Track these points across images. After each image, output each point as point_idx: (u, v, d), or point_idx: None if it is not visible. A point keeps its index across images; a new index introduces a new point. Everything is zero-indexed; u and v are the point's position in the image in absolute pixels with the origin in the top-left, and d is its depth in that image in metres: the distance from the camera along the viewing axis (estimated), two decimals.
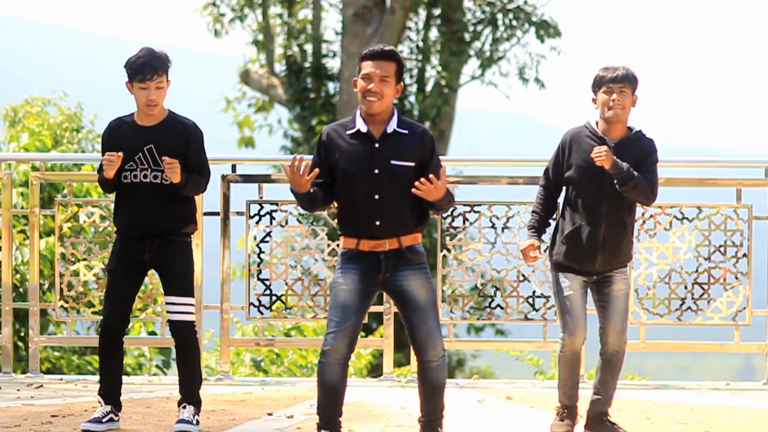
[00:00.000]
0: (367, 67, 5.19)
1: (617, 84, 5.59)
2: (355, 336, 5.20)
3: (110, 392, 5.85)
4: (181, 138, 5.80)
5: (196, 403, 5.83)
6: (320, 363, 5.20)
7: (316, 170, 5.14)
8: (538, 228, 5.77)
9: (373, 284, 5.22)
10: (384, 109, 5.20)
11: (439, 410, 5.30)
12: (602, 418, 5.75)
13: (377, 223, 5.16)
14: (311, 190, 5.19)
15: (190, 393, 5.83)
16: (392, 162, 5.16)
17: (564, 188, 5.73)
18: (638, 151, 5.62)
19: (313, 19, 19.71)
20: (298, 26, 20.20)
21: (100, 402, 5.85)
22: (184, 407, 5.79)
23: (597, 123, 5.67)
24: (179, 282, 5.81)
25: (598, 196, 5.58)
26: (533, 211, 5.80)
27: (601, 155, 5.46)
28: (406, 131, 5.23)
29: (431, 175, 5.07)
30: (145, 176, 5.76)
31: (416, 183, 5.08)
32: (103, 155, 5.81)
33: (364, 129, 5.20)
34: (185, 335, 5.83)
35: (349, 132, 5.22)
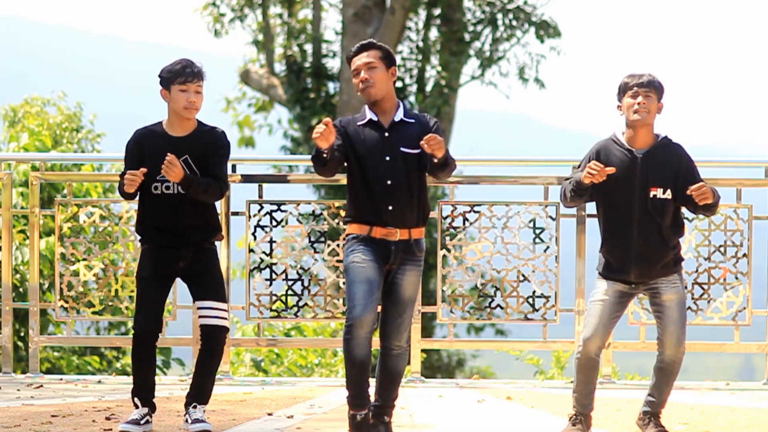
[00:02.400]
0: (353, 63, 5.43)
1: (643, 88, 5.55)
2: (376, 313, 5.32)
3: (147, 395, 5.84)
4: (213, 146, 5.76)
5: (206, 403, 5.85)
6: (346, 339, 5.28)
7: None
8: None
9: (383, 268, 5.35)
10: (383, 94, 5.40)
11: (392, 399, 5.50)
12: (653, 418, 5.76)
13: (390, 207, 5.32)
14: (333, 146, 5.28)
15: (203, 394, 5.83)
16: (402, 149, 5.34)
17: (596, 202, 5.65)
18: (674, 160, 5.57)
19: (313, 19, 19.71)
20: (298, 26, 20.19)
21: (136, 405, 5.81)
22: (195, 407, 5.80)
23: (623, 133, 5.64)
24: (217, 288, 5.80)
25: (628, 206, 5.53)
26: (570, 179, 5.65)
27: (705, 194, 5.43)
28: (413, 120, 5.43)
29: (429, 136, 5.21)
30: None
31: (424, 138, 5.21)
32: (126, 166, 5.75)
33: (375, 118, 5.40)
34: (220, 340, 5.79)
35: (360, 123, 5.42)
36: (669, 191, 5.55)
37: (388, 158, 5.32)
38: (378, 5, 18.48)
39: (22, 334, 10.32)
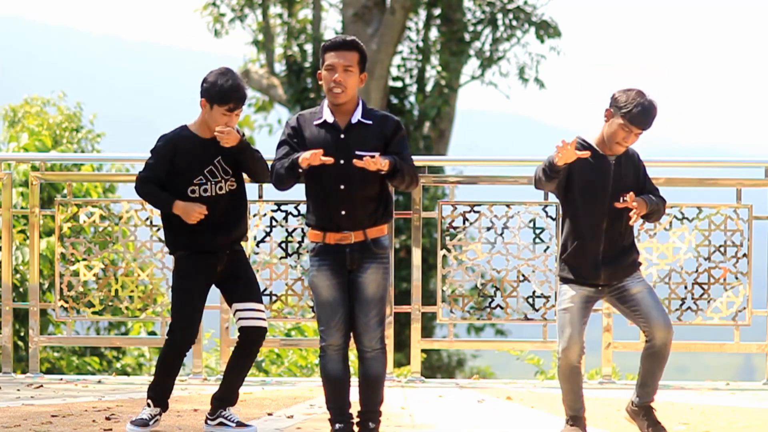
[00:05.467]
0: (330, 57, 5.25)
1: (641, 131, 5.46)
2: (348, 326, 5.29)
3: (165, 396, 5.85)
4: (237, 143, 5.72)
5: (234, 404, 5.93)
6: (320, 358, 5.32)
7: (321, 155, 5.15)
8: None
9: (345, 276, 5.30)
10: (349, 99, 5.26)
11: (375, 404, 5.36)
12: (647, 414, 5.70)
13: (342, 212, 5.24)
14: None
15: (235, 395, 5.88)
16: (357, 152, 5.22)
17: (562, 207, 5.62)
18: (634, 168, 5.59)
19: (313, 19, 19.73)
20: (298, 26, 20.21)
21: (149, 404, 5.82)
22: (226, 408, 5.83)
23: (594, 139, 5.55)
24: (256, 289, 5.81)
25: (598, 213, 5.51)
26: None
27: (640, 211, 5.44)
28: (371, 121, 5.29)
29: None
30: (221, 188, 5.67)
31: None
32: (152, 167, 5.64)
33: (330, 119, 5.28)
34: (260, 341, 5.80)
35: (316, 122, 5.30)
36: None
37: (342, 162, 5.20)
38: (378, 5, 18.49)
39: (22, 334, 10.32)
